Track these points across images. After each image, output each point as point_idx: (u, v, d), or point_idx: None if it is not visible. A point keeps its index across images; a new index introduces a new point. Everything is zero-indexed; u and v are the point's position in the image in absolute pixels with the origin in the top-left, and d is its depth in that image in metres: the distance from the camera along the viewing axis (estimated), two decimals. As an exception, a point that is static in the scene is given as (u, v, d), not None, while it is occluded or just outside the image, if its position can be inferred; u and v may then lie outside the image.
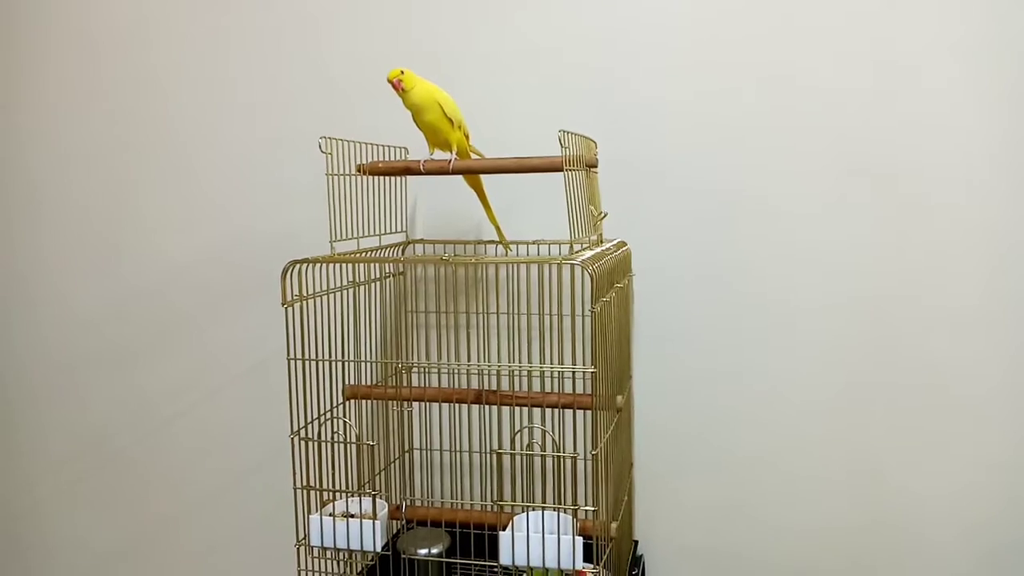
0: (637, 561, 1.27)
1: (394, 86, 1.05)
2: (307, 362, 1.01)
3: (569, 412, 1.23)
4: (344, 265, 1.09)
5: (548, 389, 1.25)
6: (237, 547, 1.51)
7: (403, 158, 1.21)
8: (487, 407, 1.25)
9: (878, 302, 1.22)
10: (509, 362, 1.28)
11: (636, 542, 1.31)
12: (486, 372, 1.27)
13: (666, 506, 1.32)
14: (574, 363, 1.24)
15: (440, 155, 1.11)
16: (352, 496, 1.04)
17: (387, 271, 1.25)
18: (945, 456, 1.22)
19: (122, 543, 1.57)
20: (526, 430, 1.14)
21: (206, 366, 1.49)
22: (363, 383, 1.15)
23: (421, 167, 1.07)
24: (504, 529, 0.96)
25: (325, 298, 1.06)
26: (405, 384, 1.27)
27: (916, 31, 1.17)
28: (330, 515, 0.99)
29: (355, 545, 0.98)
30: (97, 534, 1.58)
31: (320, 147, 1.02)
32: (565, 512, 1.00)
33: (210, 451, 1.50)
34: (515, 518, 1.00)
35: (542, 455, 0.99)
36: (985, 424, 1.21)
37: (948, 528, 1.23)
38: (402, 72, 1.05)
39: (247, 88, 1.42)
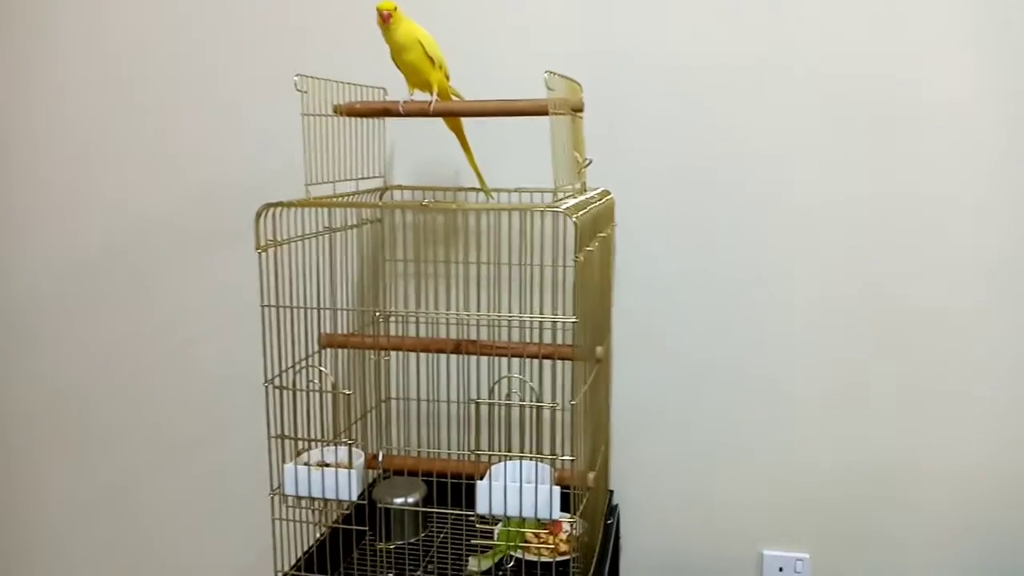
0: (612, 511, 1.28)
1: (383, 18, 1.00)
2: (281, 309, 0.98)
3: (548, 363, 1.22)
4: (320, 210, 1.06)
5: (527, 339, 1.24)
6: (212, 495, 1.50)
7: (381, 99, 1.16)
8: (465, 357, 1.24)
9: (872, 251, 1.22)
10: (488, 312, 1.26)
11: (611, 492, 1.32)
12: (465, 322, 1.25)
13: (641, 457, 1.33)
14: (554, 313, 1.22)
15: (420, 96, 1.07)
16: (328, 445, 1.02)
17: (364, 217, 1.22)
18: (933, 406, 1.23)
19: (96, 493, 1.55)
20: (505, 380, 1.13)
21: (180, 314, 1.45)
22: (339, 331, 1.13)
23: (400, 108, 1.03)
24: (481, 478, 0.95)
25: (300, 244, 1.02)
26: (383, 333, 1.25)
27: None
28: (305, 464, 0.98)
29: (330, 494, 0.97)
30: (72, 483, 1.55)
31: (296, 85, 0.98)
32: (542, 462, 0.99)
33: (185, 400, 1.48)
34: (492, 467, 0.99)
35: (521, 405, 0.98)
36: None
37: (929, 476, 1.25)
38: (395, 8, 1.00)
39: (218, 27, 1.35)
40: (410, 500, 1.14)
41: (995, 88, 1.15)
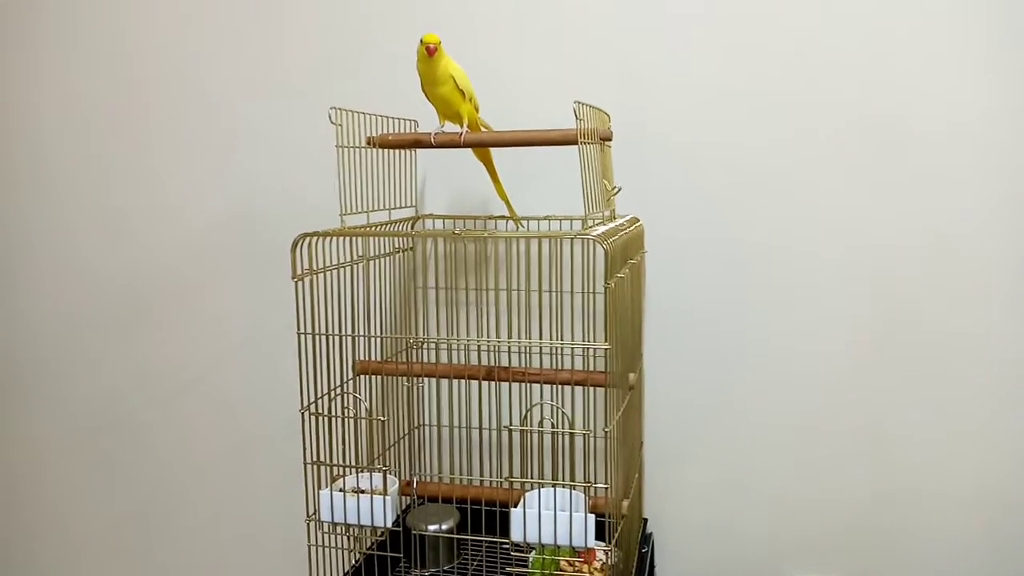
0: (647, 539, 1.27)
1: (429, 51, 1.02)
2: (317, 336, 1.00)
3: (579, 389, 1.22)
4: (354, 239, 1.08)
5: (558, 366, 1.24)
6: (246, 519, 1.51)
7: (413, 131, 1.19)
8: (497, 384, 1.24)
9: (894, 275, 1.21)
10: (520, 339, 1.27)
11: (645, 520, 1.31)
12: (496, 349, 1.26)
13: (675, 484, 1.32)
14: (585, 340, 1.22)
15: (451, 127, 1.09)
16: (362, 471, 1.03)
17: (397, 246, 1.24)
18: (958, 430, 1.21)
19: (130, 510, 1.57)
20: (538, 407, 1.13)
21: (217, 338, 1.48)
22: (372, 358, 1.14)
23: (432, 140, 1.05)
24: (515, 506, 0.95)
25: (335, 272, 1.04)
26: (415, 360, 1.26)
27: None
28: (340, 490, 0.99)
29: (365, 520, 0.98)
30: (105, 500, 1.58)
31: (330, 118, 1.00)
32: (576, 489, 0.99)
33: (220, 422, 1.50)
34: (526, 495, 0.99)
35: (554, 431, 0.98)
36: (997, 393, 1.19)
37: (957, 501, 1.23)
38: (440, 42, 1.03)
39: (251, 58, 1.40)
40: (444, 527, 1.14)
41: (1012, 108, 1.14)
